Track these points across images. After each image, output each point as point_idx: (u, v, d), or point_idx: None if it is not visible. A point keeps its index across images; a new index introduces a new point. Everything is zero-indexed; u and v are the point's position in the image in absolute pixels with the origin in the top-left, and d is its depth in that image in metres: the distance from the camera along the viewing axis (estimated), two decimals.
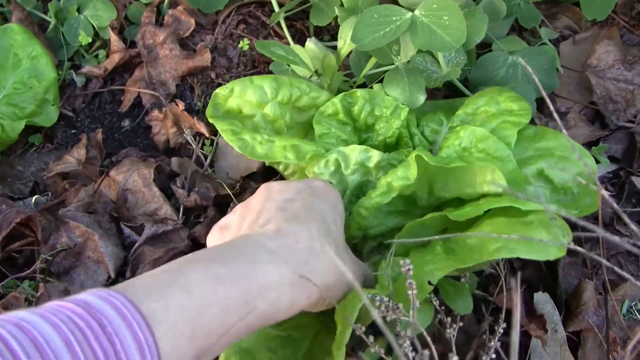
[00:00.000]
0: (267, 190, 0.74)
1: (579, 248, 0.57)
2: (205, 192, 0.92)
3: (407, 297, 0.60)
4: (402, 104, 0.89)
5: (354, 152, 0.81)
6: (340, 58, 0.95)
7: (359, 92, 0.89)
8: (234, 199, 0.66)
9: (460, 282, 0.81)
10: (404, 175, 0.77)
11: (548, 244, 0.64)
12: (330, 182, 0.82)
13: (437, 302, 0.73)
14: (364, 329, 0.65)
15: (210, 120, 0.85)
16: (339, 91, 0.92)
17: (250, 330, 0.59)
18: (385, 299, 0.66)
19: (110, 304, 0.49)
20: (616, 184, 1.00)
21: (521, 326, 0.86)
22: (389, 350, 0.73)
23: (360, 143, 0.90)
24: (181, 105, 1.02)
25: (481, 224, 0.74)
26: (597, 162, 0.99)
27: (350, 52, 1.02)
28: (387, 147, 0.90)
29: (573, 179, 0.82)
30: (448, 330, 0.74)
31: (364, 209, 0.81)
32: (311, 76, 0.96)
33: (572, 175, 0.82)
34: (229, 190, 0.93)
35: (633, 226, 0.53)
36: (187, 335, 0.52)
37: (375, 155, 0.81)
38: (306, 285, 0.63)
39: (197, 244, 0.92)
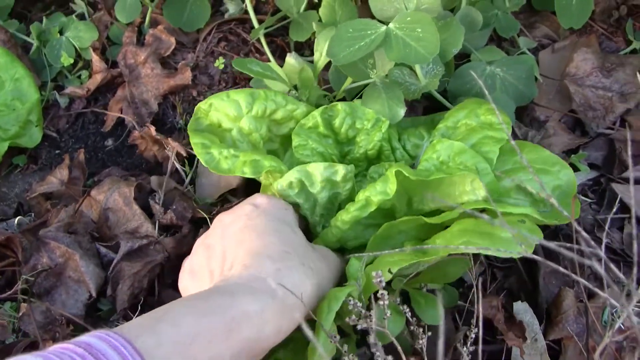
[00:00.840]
0: (220, 225, 0.78)
1: (551, 244, 0.57)
2: (181, 212, 0.93)
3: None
4: (383, 118, 0.89)
5: (318, 170, 0.80)
6: (316, 71, 0.96)
7: (340, 105, 0.90)
8: (209, 222, 0.67)
9: (431, 294, 0.81)
10: (382, 190, 0.77)
11: (512, 240, 0.63)
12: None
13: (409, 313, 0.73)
14: (338, 338, 0.65)
15: (189, 133, 0.86)
16: (317, 106, 0.92)
17: (238, 357, 0.62)
18: (359, 303, 0.67)
19: (108, 343, 0.53)
20: (597, 191, 1.00)
21: (500, 335, 0.86)
22: None
23: (342, 156, 0.91)
24: (152, 129, 1.03)
25: (452, 227, 0.74)
26: (577, 169, 0.99)
27: (330, 66, 1.03)
28: (369, 160, 0.90)
29: (552, 191, 0.82)
30: (420, 342, 0.74)
31: (342, 223, 0.81)
32: (289, 91, 0.97)
33: (551, 187, 0.82)
34: (204, 214, 0.94)
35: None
36: None
37: (341, 169, 0.81)
38: (288, 309, 0.66)
39: (174, 255, 0.93)
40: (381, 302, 0.66)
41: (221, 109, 0.88)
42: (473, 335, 0.74)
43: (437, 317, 0.80)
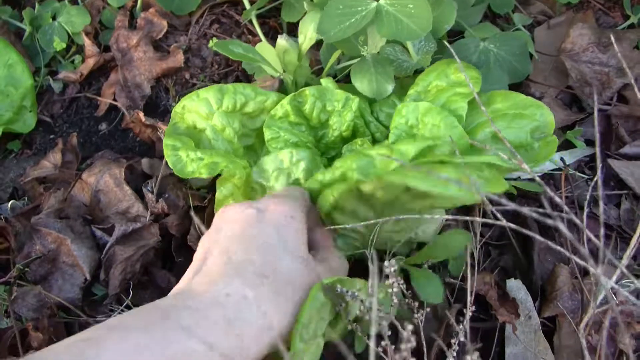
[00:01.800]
0: (218, 222, 0.71)
1: (524, 209, 0.56)
2: (174, 201, 0.92)
3: None
4: (352, 95, 0.87)
5: (268, 165, 0.80)
6: (301, 53, 0.95)
7: (308, 90, 0.87)
8: (194, 217, 0.64)
9: (431, 271, 0.80)
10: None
11: (451, 182, 0.60)
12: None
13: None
14: None
15: (165, 137, 0.84)
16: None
17: None
18: (356, 292, 0.66)
19: None
20: (593, 167, 0.99)
21: (492, 312, 0.85)
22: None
23: (317, 141, 0.89)
24: (141, 114, 1.02)
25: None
26: (573, 145, 0.98)
27: (321, 46, 1.02)
28: (345, 140, 0.88)
29: (531, 133, 0.81)
30: (415, 316, 0.74)
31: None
32: (280, 74, 0.96)
33: (528, 130, 0.81)
34: (191, 205, 0.93)
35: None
36: None
37: (285, 155, 0.80)
38: (244, 344, 0.59)
39: (168, 238, 0.93)
40: (390, 290, 0.65)
41: (193, 109, 0.86)
42: (470, 313, 0.73)
43: (439, 295, 0.79)
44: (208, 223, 0.90)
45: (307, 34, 0.93)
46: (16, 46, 1.12)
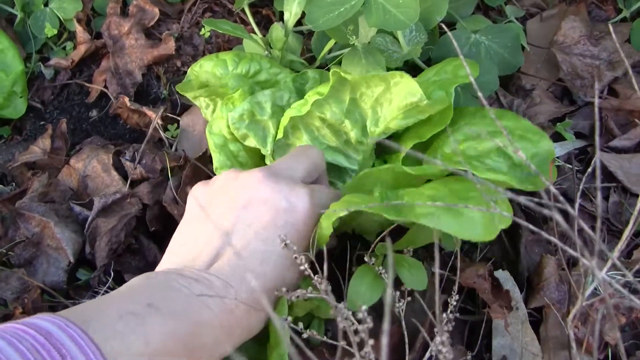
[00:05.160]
0: (242, 198, 0.69)
1: (520, 198, 0.56)
2: (151, 165, 0.93)
3: None
4: None
5: (264, 97, 0.85)
6: (287, 30, 0.95)
7: (310, 73, 0.90)
8: (170, 177, 0.64)
9: (416, 259, 0.80)
10: (320, 91, 0.80)
11: (478, 224, 0.61)
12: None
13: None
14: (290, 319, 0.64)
15: (180, 91, 0.90)
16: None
17: None
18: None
19: (70, 337, 0.51)
20: (583, 160, 0.99)
21: (484, 306, 0.85)
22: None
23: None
24: (126, 99, 1.03)
25: (425, 187, 0.72)
26: (563, 138, 0.98)
27: (312, 33, 1.02)
28: None
29: (530, 158, 0.81)
30: (397, 305, 0.74)
31: (284, 118, 0.83)
32: (267, 52, 0.97)
33: (529, 155, 0.81)
34: (168, 160, 0.94)
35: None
36: None
37: (285, 94, 0.86)
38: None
39: (151, 204, 0.93)
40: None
41: (210, 69, 0.91)
42: (454, 302, 0.73)
43: (423, 282, 0.79)
44: (186, 183, 0.93)
45: (292, 10, 0.94)
46: (7, 32, 1.12)
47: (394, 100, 0.78)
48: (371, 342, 0.49)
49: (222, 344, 0.62)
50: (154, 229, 0.92)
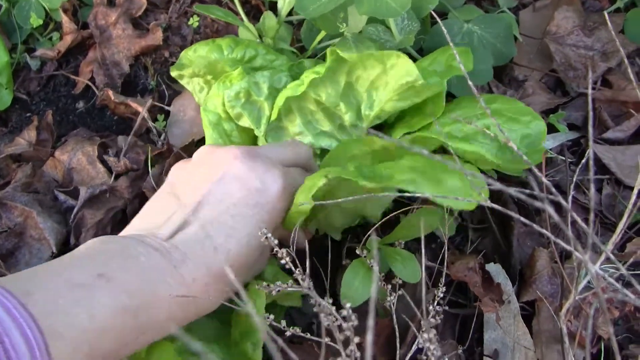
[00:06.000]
0: (221, 167, 0.68)
1: (510, 189, 0.55)
2: (134, 157, 0.91)
3: None
4: None
5: (263, 78, 0.84)
6: (280, 18, 0.94)
7: (307, 63, 0.89)
8: (151, 166, 0.62)
9: (408, 251, 0.79)
10: (317, 70, 0.78)
11: (458, 192, 0.60)
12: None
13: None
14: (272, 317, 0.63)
15: (172, 74, 0.91)
16: None
17: (146, 344, 0.61)
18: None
19: (6, 310, 0.48)
20: (576, 151, 0.97)
21: (476, 299, 0.84)
22: None
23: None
24: (110, 92, 1.02)
25: (402, 159, 0.71)
26: (555, 130, 0.97)
27: (301, 24, 1.00)
28: None
29: (520, 139, 0.80)
30: (389, 299, 0.73)
31: (279, 98, 0.82)
32: (258, 40, 0.96)
33: (519, 135, 0.80)
34: (150, 152, 0.93)
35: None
36: (85, 353, 0.52)
37: (283, 77, 0.85)
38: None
39: (140, 198, 0.92)
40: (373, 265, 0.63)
41: (205, 53, 0.89)
42: (441, 294, 0.72)
43: (416, 274, 0.78)
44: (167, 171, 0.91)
45: None
46: None
47: (390, 82, 0.77)
48: (357, 339, 0.48)
49: (176, 321, 0.61)
50: None
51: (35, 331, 0.48)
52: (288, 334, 0.62)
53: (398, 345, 0.70)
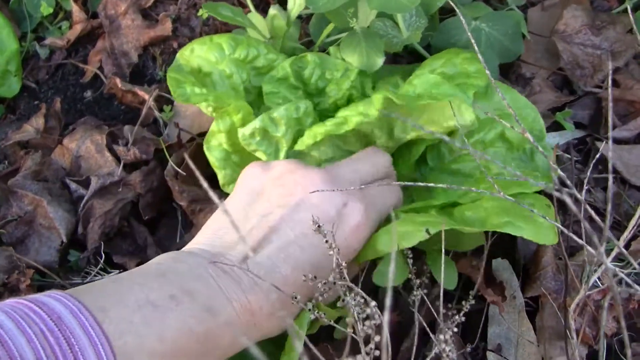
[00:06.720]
0: (298, 194, 0.67)
1: (569, 233, 0.55)
2: (144, 147, 0.91)
3: None
4: (352, 66, 0.87)
5: (279, 113, 0.79)
6: (290, 19, 0.94)
7: (309, 56, 0.88)
8: (168, 157, 0.62)
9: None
10: (364, 111, 0.76)
11: (548, 228, 0.65)
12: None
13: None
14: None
15: (167, 73, 0.84)
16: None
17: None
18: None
19: (82, 326, 0.49)
20: (582, 150, 0.98)
21: (478, 292, 0.84)
22: None
23: (312, 108, 0.89)
24: (117, 80, 1.02)
25: (483, 201, 0.72)
26: (562, 128, 0.97)
27: (311, 18, 1.01)
28: (339, 109, 0.88)
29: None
30: (415, 293, 0.72)
31: (313, 137, 0.78)
32: (267, 40, 0.95)
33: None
34: (163, 145, 0.92)
35: None
36: None
37: (301, 105, 0.81)
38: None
39: (145, 191, 0.92)
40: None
41: (202, 53, 0.87)
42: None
43: (453, 281, 0.78)
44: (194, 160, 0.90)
45: (297, 0, 0.92)
46: (2, 10, 1.12)
47: (440, 122, 0.78)
48: (377, 338, 0.48)
49: (237, 345, 0.61)
50: (147, 217, 0.91)
51: (108, 352, 0.49)
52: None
53: (415, 342, 0.69)
